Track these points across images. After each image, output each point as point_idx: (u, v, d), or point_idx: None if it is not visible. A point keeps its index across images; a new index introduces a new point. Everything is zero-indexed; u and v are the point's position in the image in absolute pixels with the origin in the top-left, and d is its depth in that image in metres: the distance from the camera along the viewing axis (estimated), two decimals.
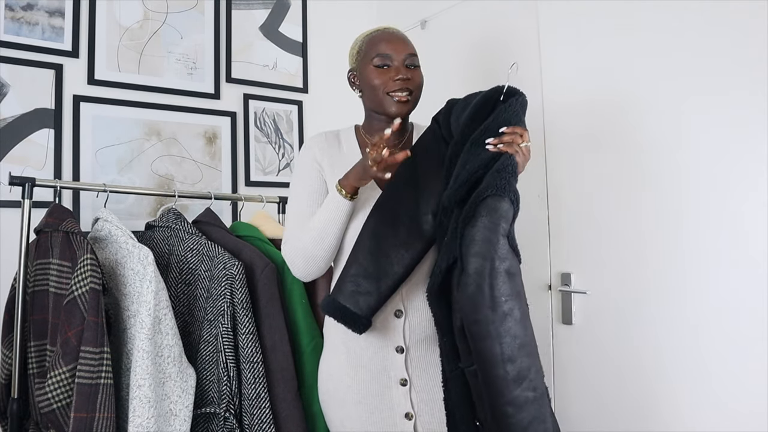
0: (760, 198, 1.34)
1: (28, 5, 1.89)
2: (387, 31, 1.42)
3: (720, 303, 1.40)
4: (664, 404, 1.50)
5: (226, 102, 2.25)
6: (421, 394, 1.30)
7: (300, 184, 1.41)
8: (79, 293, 1.29)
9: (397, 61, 1.37)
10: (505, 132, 1.17)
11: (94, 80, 1.98)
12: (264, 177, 2.31)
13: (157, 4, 2.12)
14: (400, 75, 1.35)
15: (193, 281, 1.49)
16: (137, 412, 1.25)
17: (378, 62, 1.37)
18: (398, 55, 1.37)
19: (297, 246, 1.33)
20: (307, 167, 1.41)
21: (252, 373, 1.39)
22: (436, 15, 2.24)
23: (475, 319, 1.04)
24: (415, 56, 1.40)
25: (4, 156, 1.82)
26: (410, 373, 1.31)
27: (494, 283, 1.03)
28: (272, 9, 2.39)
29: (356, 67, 1.44)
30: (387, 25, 1.45)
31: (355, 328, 1.26)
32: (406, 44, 1.40)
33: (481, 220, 1.05)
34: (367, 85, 1.40)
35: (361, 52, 1.41)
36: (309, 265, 1.33)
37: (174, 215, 1.60)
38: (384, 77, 1.36)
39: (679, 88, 1.48)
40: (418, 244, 1.26)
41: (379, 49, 1.38)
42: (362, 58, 1.41)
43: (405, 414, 1.30)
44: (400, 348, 1.31)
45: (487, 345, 1.03)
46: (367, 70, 1.39)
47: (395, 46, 1.38)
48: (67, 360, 1.27)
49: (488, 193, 1.07)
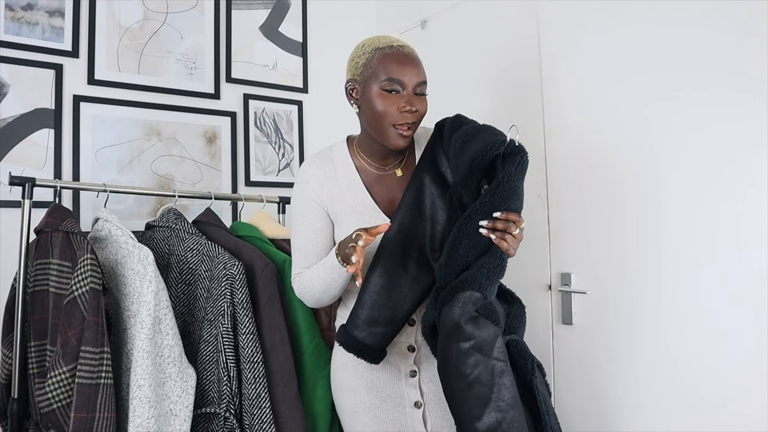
0: (761, 198, 1.34)
1: (28, 5, 1.89)
2: (401, 51, 1.28)
3: (720, 303, 1.40)
4: (664, 404, 1.50)
5: (226, 102, 2.25)
6: (429, 384, 1.36)
7: (302, 222, 1.39)
8: (79, 293, 1.29)
9: (408, 89, 1.26)
10: (499, 219, 1.16)
11: (94, 80, 1.98)
12: (264, 177, 2.31)
13: (157, 4, 2.12)
14: (409, 106, 1.26)
15: (193, 281, 1.49)
16: (137, 412, 1.25)
17: (387, 86, 1.26)
18: (410, 81, 1.26)
19: (305, 287, 1.35)
20: (307, 206, 1.38)
21: (252, 373, 1.39)
22: (436, 15, 2.24)
23: (445, 386, 1.19)
24: (425, 83, 1.30)
25: (4, 156, 1.82)
26: (420, 366, 1.37)
27: (459, 360, 1.14)
28: (272, 9, 2.39)
29: (359, 80, 1.31)
30: (399, 40, 1.32)
31: (372, 360, 1.30)
32: (419, 69, 1.29)
33: (455, 308, 1.15)
34: (369, 107, 1.29)
35: (369, 67, 1.28)
36: (319, 303, 1.37)
37: (174, 215, 1.60)
38: (392, 106, 1.26)
39: (680, 88, 1.48)
40: (428, 278, 1.30)
41: (391, 72, 1.25)
42: (369, 75, 1.28)
43: (414, 403, 1.36)
44: (411, 347, 1.37)
45: (458, 408, 1.16)
46: (372, 91, 1.27)
47: (409, 72, 1.26)
48: (67, 360, 1.27)
49: (468, 288, 1.16)
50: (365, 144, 1.39)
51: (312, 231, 1.38)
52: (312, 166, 1.40)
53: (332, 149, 1.43)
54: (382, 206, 1.36)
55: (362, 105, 1.32)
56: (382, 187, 1.38)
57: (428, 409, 1.36)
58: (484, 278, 1.16)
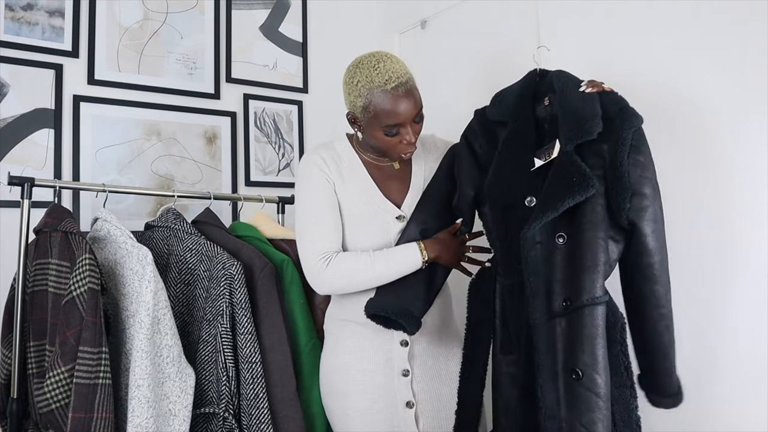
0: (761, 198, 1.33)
1: (28, 5, 1.89)
2: (396, 94, 1.31)
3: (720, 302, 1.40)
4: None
5: (226, 102, 2.25)
6: (421, 383, 1.39)
7: (316, 197, 1.41)
8: (77, 293, 1.29)
9: (407, 124, 1.34)
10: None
11: (94, 80, 1.98)
12: (264, 177, 2.31)
13: (157, 4, 2.12)
14: (409, 137, 1.35)
15: (192, 281, 1.49)
16: (136, 412, 1.25)
17: (388, 131, 1.34)
18: (408, 117, 1.33)
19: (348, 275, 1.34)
20: (320, 183, 1.41)
21: (251, 373, 1.39)
22: (436, 15, 2.24)
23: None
24: (421, 109, 1.37)
25: (4, 156, 1.83)
26: (412, 364, 1.39)
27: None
28: (272, 9, 2.39)
29: (360, 119, 1.37)
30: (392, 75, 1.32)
31: (411, 330, 1.32)
32: (416, 100, 1.34)
33: None
34: (374, 140, 1.39)
35: (368, 111, 1.33)
36: (350, 289, 1.38)
37: (173, 215, 1.60)
38: (393, 142, 1.36)
39: (680, 88, 1.48)
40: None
41: (392, 117, 1.32)
42: (370, 118, 1.34)
43: (406, 402, 1.37)
44: (404, 341, 1.39)
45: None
46: (374, 130, 1.36)
47: (406, 110, 1.32)
48: (65, 360, 1.27)
49: None
50: (366, 146, 1.47)
51: (328, 204, 1.40)
52: (317, 153, 1.46)
53: (334, 142, 1.50)
54: (382, 190, 1.44)
55: (366, 135, 1.41)
56: (381, 174, 1.47)
57: (420, 409, 1.38)
58: None
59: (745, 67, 1.35)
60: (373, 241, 1.40)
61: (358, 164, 1.46)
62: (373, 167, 1.48)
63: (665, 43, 1.50)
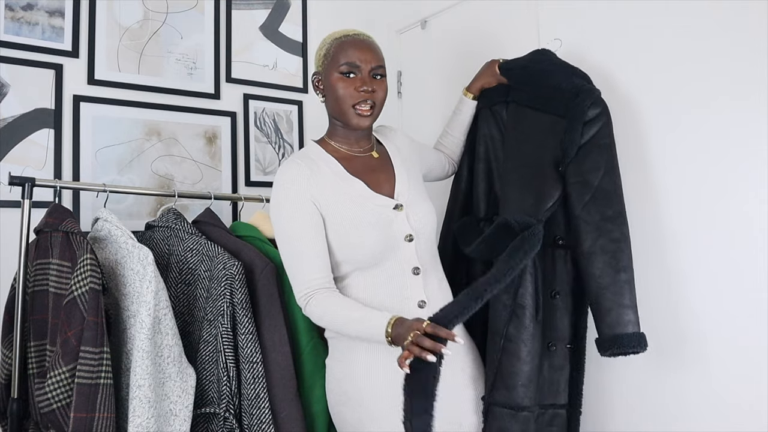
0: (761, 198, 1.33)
1: (28, 5, 1.89)
2: (357, 38, 1.39)
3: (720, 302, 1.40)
4: (664, 404, 1.50)
5: (226, 102, 2.25)
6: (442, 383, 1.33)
7: (298, 224, 1.34)
8: (78, 293, 1.29)
9: (364, 71, 1.36)
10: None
11: (94, 80, 1.98)
12: (264, 177, 2.31)
13: (157, 4, 2.12)
14: (365, 86, 1.34)
15: (192, 281, 1.50)
16: (137, 412, 1.26)
17: (345, 70, 1.35)
18: (366, 65, 1.35)
19: (324, 319, 1.33)
20: (300, 206, 1.34)
21: (251, 373, 1.39)
22: (436, 15, 2.24)
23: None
24: (382, 67, 1.39)
25: (4, 156, 1.83)
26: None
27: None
28: (272, 9, 2.39)
29: (321, 71, 1.41)
30: (357, 30, 1.42)
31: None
32: (375, 54, 1.38)
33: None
34: (331, 93, 1.38)
35: (328, 56, 1.38)
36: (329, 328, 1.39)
37: (174, 215, 1.60)
38: (349, 87, 1.35)
39: (680, 88, 1.48)
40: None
41: (348, 56, 1.35)
42: (329, 63, 1.38)
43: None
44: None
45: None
46: (332, 77, 1.37)
47: (364, 56, 1.36)
48: (66, 360, 1.27)
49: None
50: (334, 132, 1.45)
51: (313, 230, 1.34)
52: (293, 166, 1.38)
53: (306, 149, 1.47)
54: (371, 186, 1.39)
55: (326, 93, 1.41)
56: (364, 168, 1.43)
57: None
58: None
59: (745, 67, 1.35)
60: (376, 238, 1.34)
61: (333, 164, 1.40)
62: (349, 161, 1.41)
63: (665, 43, 1.51)
